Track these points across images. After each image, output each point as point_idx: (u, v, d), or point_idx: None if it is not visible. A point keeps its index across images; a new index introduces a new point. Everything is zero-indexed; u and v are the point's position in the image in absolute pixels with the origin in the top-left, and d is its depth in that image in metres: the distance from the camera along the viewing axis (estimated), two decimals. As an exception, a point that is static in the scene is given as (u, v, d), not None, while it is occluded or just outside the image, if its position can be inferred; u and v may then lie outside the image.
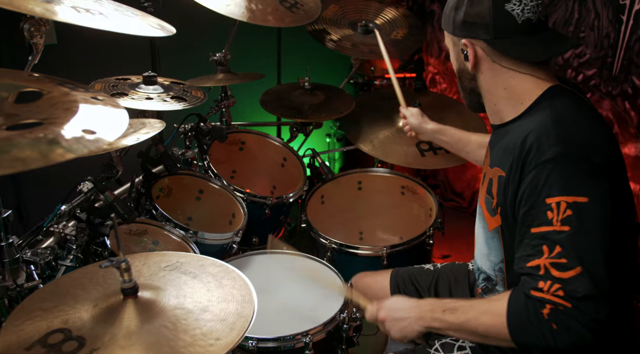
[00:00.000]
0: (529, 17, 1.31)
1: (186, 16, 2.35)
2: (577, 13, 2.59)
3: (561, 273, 1.15)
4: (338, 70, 3.47)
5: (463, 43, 1.36)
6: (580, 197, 1.16)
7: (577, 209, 1.16)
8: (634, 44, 2.41)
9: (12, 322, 1.09)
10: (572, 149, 1.20)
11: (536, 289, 1.17)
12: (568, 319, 1.14)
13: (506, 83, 1.36)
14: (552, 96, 1.31)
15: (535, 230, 1.20)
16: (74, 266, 1.57)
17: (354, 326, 1.63)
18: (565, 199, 1.16)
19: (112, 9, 1.44)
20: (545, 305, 1.16)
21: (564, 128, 1.22)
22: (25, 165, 0.83)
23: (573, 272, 1.14)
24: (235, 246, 2.01)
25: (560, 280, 1.15)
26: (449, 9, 1.41)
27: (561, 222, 1.16)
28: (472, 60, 1.36)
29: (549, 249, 1.17)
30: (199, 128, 2.21)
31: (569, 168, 1.18)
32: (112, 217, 1.33)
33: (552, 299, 1.15)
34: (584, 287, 1.13)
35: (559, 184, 1.18)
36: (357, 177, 2.46)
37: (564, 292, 1.14)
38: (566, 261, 1.15)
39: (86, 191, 1.67)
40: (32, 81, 1.14)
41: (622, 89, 2.51)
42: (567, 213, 1.16)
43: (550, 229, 1.17)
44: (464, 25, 1.35)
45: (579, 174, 1.18)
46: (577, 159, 1.19)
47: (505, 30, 1.31)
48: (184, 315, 1.10)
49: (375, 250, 2.04)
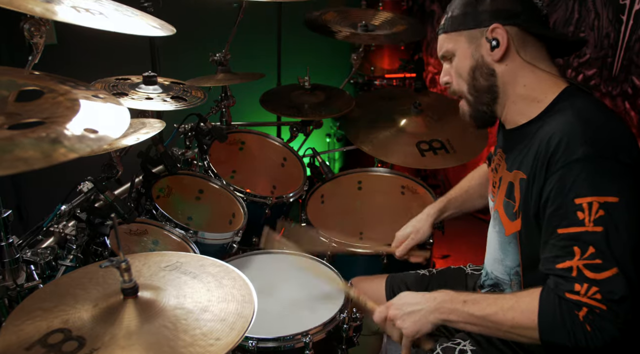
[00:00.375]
0: (546, 13, 1.34)
1: (186, 16, 2.36)
2: (577, 13, 2.59)
3: (596, 275, 1.13)
4: (338, 71, 3.48)
5: (492, 28, 1.32)
6: (611, 197, 1.15)
7: (609, 209, 1.14)
8: (634, 44, 2.42)
9: (12, 322, 1.09)
10: (601, 148, 1.18)
11: (572, 291, 1.15)
12: (603, 321, 1.13)
13: (525, 79, 1.34)
14: (571, 96, 1.30)
15: (563, 230, 1.18)
16: (74, 266, 1.57)
17: (354, 326, 1.63)
18: (597, 199, 1.15)
19: (112, 9, 1.44)
20: (581, 308, 1.14)
21: (591, 128, 1.21)
22: (28, 165, 0.83)
23: (609, 273, 1.12)
24: (235, 246, 2.01)
25: (596, 282, 1.13)
26: (462, 7, 1.37)
27: (594, 222, 1.14)
28: (504, 46, 1.31)
29: (581, 250, 1.15)
30: (199, 128, 2.21)
31: (598, 168, 1.17)
32: (112, 217, 1.33)
33: (589, 302, 1.14)
34: (620, 288, 1.12)
35: (589, 184, 1.16)
36: (357, 177, 2.46)
37: (602, 295, 1.13)
38: (601, 262, 1.13)
39: (86, 191, 1.67)
40: (32, 79, 1.13)
41: (622, 89, 2.51)
42: (600, 213, 1.14)
43: (582, 230, 1.15)
44: (493, 12, 1.32)
45: (609, 173, 1.17)
46: (606, 159, 1.17)
47: (535, 17, 1.32)
48: (184, 315, 1.10)
49: (375, 250, 2.04)
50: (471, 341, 1.48)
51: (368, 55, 3.41)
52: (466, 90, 1.42)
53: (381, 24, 2.68)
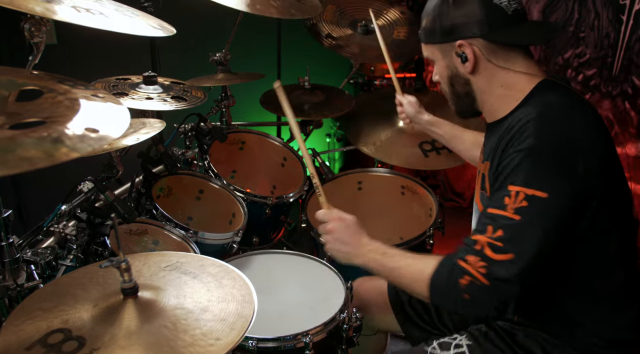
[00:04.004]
0: (516, 8, 1.33)
1: (186, 16, 2.36)
2: (577, 13, 2.59)
3: (493, 255, 1.19)
4: (338, 70, 3.47)
5: (458, 45, 1.35)
6: (540, 192, 1.18)
7: (533, 202, 1.18)
8: (634, 44, 2.42)
9: (12, 322, 1.09)
10: (547, 144, 1.21)
11: (464, 260, 1.23)
12: (481, 295, 1.21)
13: (502, 81, 1.36)
14: (544, 89, 1.32)
15: (490, 211, 1.24)
16: (74, 266, 1.57)
17: (354, 326, 1.63)
18: (524, 191, 1.19)
19: (112, 9, 1.44)
20: (464, 276, 1.22)
21: (547, 122, 1.24)
22: (31, 165, 0.83)
23: (505, 256, 1.19)
24: (236, 246, 2.01)
25: (489, 259, 1.20)
26: (429, 21, 1.40)
27: (514, 210, 1.19)
28: (472, 60, 1.35)
29: (493, 230, 1.21)
30: (199, 128, 2.21)
31: (537, 161, 1.20)
32: (112, 217, 1.34)
33: (474, 273, 1.20)
34: (508, 272, 1.18)
35: (523, 175, 1.20)
36: (357, 177, 2.46)
37: (486, 270, 1.19)
38: (502, 245, 1.19)
39: (86, 191, 1.67)
40: (32, 79, 1.13)
41: (622, 89, 2.51)
42: (523, 204, 1.19)
43: (502, 213, 1.21)
44: (454, 28, 1.35)
45: (547, 169, 1.20)
46: (548, 155, 1.21)
47: (499, 23, 1.32)
48: (184, 315, 1.10)
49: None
50: (467, 336, 1.50)
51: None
52: (448, 94, 1.50)
53: (383, 25, 2.68)
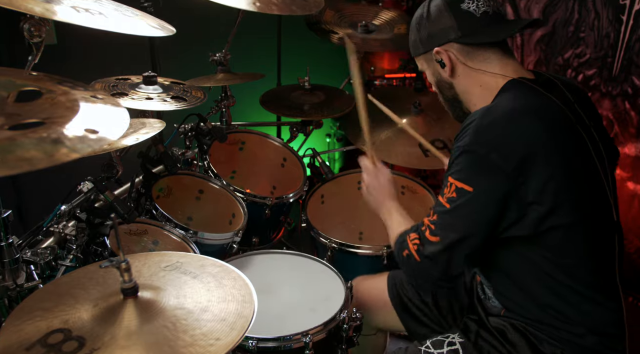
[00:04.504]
0: (485, 11, 1.43)
1: (186, 16, 2.36)
2: (577, 13, 2.59)
3: (427, 235, 1.38)
4: (338, 71, 3.46)
5: (436, 51, 1.47)
6: (467, 186, 1.32)
7: (460, 194, 1.32)
8: (634, 44, 2.42)
9: (12, 322, 1.09)
10: (477, 144, 1.31)
11: (408, 235, 1.44)
12: (415, 268, 1.41)
13: (480, 81, 1.46)
14: (505, 89, 1.41)
15: (439, 196, 1.40)
16: (74, 266, 1.57)
17: (354, 326, 1.63)
18: (456, 183, 1.33)
19: (112, 9, 1.44)
20: (404, 250, 1.44)
21: (484, 122, 1.33)
22: (31, 165, 0.83)
23: (433, 238, 1.37)
24: (236, 246, 2.01)
25: (423, 238, 1.39)
26: (412, 35, 1.56)
27: (447, 199, 1.35)
28: (448, 65, 1.47)
29: (432, 213, 1.39)
30: (199, 128, 2.21)
31: (467, 159, 1.32)
32: (112, 217, 1.33)
33: (410, 248, 1.41)
34: (432, 250, 1.36)
35: (457, 169, 1.34)
36: (357, 177, 2.45)
37: (417, 248, 1.39)
38: (434, 228, 1.37)
39: (86, 191, 1.67)
40: (31, 80, 1.13)
41: (622, 89, 2.51)
42: (453, 194, 1.34)
43: (440, 200, 1.38)
44: (431, 37, 1.48)
45: (474, 167, 1.32)
46: (476, 154, 1.31)
47: (469, 26, 1.43)
48: (184, 315, 1.10)
49: (375, 250, 2.04)
50: (460, 334, 1.52)
51: (368, 56, 3.41)
52: (441, 101, 1.62)
53: (382, 24, 2.68)
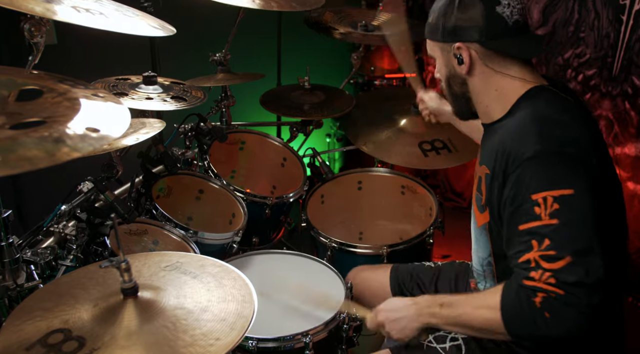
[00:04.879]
0: (517, 19, 1.36)
1: (186, 16, 2.35)
2: (577, 13, 2.59)
3: (551, 265, 1.17)
4: (338, 70, 3.47)
5: (456, 47, 1.39)
6: (565, 190, 1.19)
7: (563, 201, 1.19)
8: (634, 44, 2.42)
9: (12, 322, 1.09)
10: (551, 144, 1.23)
11: (528, 278, 1.19)
12: (561, 306, 1.15)
13: (496, 85, 1.39)
14: (533, 96, 1.35)
15: (523, 226, 1.22)
16: (74, 266, 1.57)
17: (354, 326, 1.63)
18: (550, 194, 1.19)
19: (112, 9, 1.44)
20: (536, 294, 1.17)
21: (542, 125, 1.26)
22: (32, 164, 0.83)
23: (563, 262, 1.16)
24: (236, 246, 2.01)
25: (552, 270, 1.17)
26: (435, 17, 1.43)
27: (549, 216, 1.18)
28: (467, 63, 1.39)
29: (538, 243, 1.19)
30: (199, 128, 2.20)
31: (550, 163, 1.21)
32: (112, 217, 1.34)
33: (544, 287, 1.17)
34: (575, 275, 1.15)
35: (543, 179, 1.21)
36: (357, 177, 2.46)
37: (556, 279, 1.16)
38: (555, 253, 1.17)
39: (86, 191, 1.67)
40: (31, 79, 1.13)
41: (622, 89, 2.51)
42: (555, 207, 1.18)
43: (539, 223, 1.20)
44: (455, 30, 1.38)
45: (561, 167, 1.21)
46: (557, 153, 1.22)
47: (498, 32, 1.35)
48: (184, 315, 1.10)
49: (375, 249, 2.04)
50: None
51: (368, 55, 3.40)
52: (446, 93, 1.54)
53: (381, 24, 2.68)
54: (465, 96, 1.47)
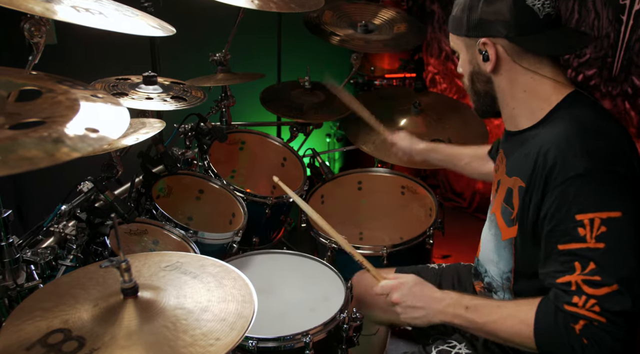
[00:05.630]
0: (549, 12, 1.27)
1: (186, 16, 2.36)
2: (577, 13, 2.59)
3: (595, 290, 1.13)
4: (338, 71, 3.47)
5: (482, 42, 1.30)
6: (614, 212, 1.14)
7: (611, 224, 1.13)
8: (634, 44, 2.42)
9: (12, 322, 1.09)
10: (600, 163, 1.17)
11: (570, 303, 1.16)
12: (601, 334, 1.13)
13: (526, 85, 1.31)
14: (571, 104, 1.27)
15: (564, 247, 1.17)
16: (74, 266, 1.57)
17: (354, 326, 1.63)
18: (599, 216, 1.14)
19: (112, 9, 1.44)
20: (578, 320, 1.14)
21: (588, 140, 1.19)
22: (32, 164, 0.83)
23: (608, 289, 1.12)
24: (236, 246, 2.01)
25: (595, 297, 1.13)
26: (459, 10, 1.34)
27: (596, 239, 1.13)
28: (493, 60, 1.30)
29: (582, 266, 1.15)
30: (199, 128, 2.21)
31: (598, 182, 1.16)
32: (112, 217, 1.33)
33: (587, 314, 1.14)
34: (620, 304, 1.12)
35: (591, 200, 1.15)
36: (357, 177, 2.46)
37: (600, 308, 1.12)
38: (600, 279, 1.13)
39: (86, 191, 1.67)
40: (30, 79, 1.13)
41: (622, 89, 2.51)
42: (602, 230, 1.13)
43: (582, 246, 1.15)
44: (481, 24, 1.29)
45: (610, 188, 1.16)
46: (605, 172, 1.16)
47: (527, 26, 1.27)
48: (184, 315, 1.10)
49: (375, 250, 2.04)
50: (466, 344, 1.48)
51: (368, 55, 3.41)
52: (468, 90, 1.44)
53: (382, 24, 2.68)
54: (490, 94, 1.38)
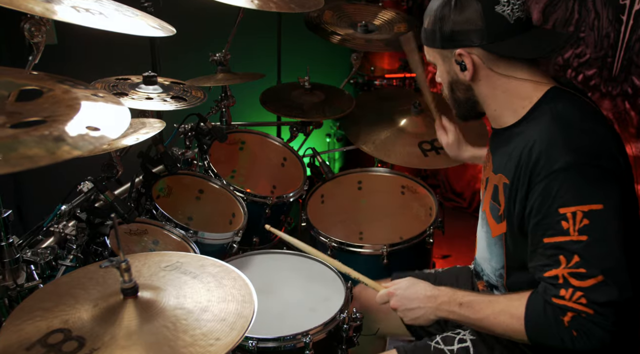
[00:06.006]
0: (519, 16, 1.29)
1: (186, 16, 2.35)
2: (577, 13, 2.59)
3: (581, 282, 1.15)
4: (338, 70, 3.47)
5: (457, 53, 1.32)
6: (595, 205, 1.15)
7: (593, 217, 1.15)
8: (634, 44, 2.42)
9: (12, 322, 1.09)
10: (582, 156, 1.18)
11: (557, 296, 1.18)
12: (590, 326, 1.16)
13: (504, 88, 1.34)
14: (552, 99, 1.29)
15: (549, 240, 1.20)
16: (74, 266, 1.57)
17: (354, 326, 1.63)
18: (580, 209, 1.16)
19: (112, 9, 1.44)
20: (566, 313, 1.17)
21: (571, 134, 1.21)
22: (33, 163, 0.83)
23: (594, 280, 1.14)
24: (236, 246, 2.01)
25: (581, 289, 1.15)
26: (430, 23, 1.36)
27: (578, 231, 1.16)
28: (471, 69, 1.33)
29: (567, 259, 1.17)
30: (199, 128, 2.21)
31: (581, 176, 1.17)
32: (112, 217, 1.34)
33: (574, 306, 1.16)
34: (606, 294, 1.14)
35: (573, 194, 1.17)
36: (357, 177, 2.46)
37: (587, 299, 1.15)
38: (585, 271, 1.15)
39: (86, 191, 1.67)
40: (31, 79, 1.14)
41: (622, 89, 2.51)
42: (584, 222, 1.15)
43: (566, 239, 1.17)
44: (454, 35, 1.31)
45: (592, 181, 1.17)
46: (588, 166, 1.18)
47: (500, 33, 1.29)
48: (184, 315, 1.10)
49: (375, 249, 2.04)
50: (471, 331, 1.49)
51: (368, 55, 3.40)
52: (448, 99, 1.47)
53: (382, 24, 2.68)
54: (471, 100, 1.41)
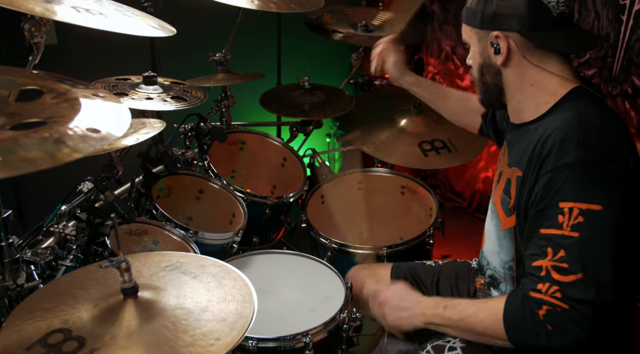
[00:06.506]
0: (563, 11, 1.30)
1: (186, 16, 2.36)
2: (577, 13, 2.59)
3: (561, 277, 1.17)
4: (338, 70, 3.47)
5: (495, 35, 1.33)
6: (594, 205, 1.16)
7: (589, 216, 1.16)
8: (634, 44, 2.42)
9: (12, 322, 1.09)
10: (593, 154, 1.19)
11: (534, 290, 1.20)
12: (564, 321, 1.16)
13: (533, 79, 1.34)
14: (577, 97, 1.29)
15: (544, 231, 1.21)
16: (74, 266, 1.57)
17: (354, 326, 1.63)
18: (578, 206, 1.17)
19: (112, 9, 1.44)
20: (541, 306, 1.18)
21: (588, 132, 1.21)
22: (33, 166, 0.82)
23: (573, 277, 1.16)
24: (236, 246, 2.01)
25: (559, 283, 1.17)
26: (474, 2, 1.37)
27: (571, 228, 1.17)
28: (504, 53, 1.33)
29: (553, 252, 1.18)
30: (199, 128, 2.21)
31: (588, 174, 1.18)
32: (112, 217, 1.34)
33: (549, 300, 1.18)
34: (581, 293, 1.15)
35: (575, 190, 1.18)
36: (357, 177, 2.46)
37: (562, 294, 1.16)
38: (567, 266, 1.17)
39: (86, 191, 1.67)
40: (31, 79, 1.13)
41: (622, 89, 2.51)
42: (579, 219, 1.16)
43: (558, 232, 1.18)
44: (495, 17, 1.32)
45: (597, 180, 1.18)
46: (596, 165, 1.19)
47: (541, 23, 1.29)
48: (184, 315, 1.10)
49: (375, 250, 2.04)
50: (461, 339, 1.48)
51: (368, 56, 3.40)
52: (476, 82, 1.47)
53: (382, 24, 2.68)
54: (498, 86, 1.41)
